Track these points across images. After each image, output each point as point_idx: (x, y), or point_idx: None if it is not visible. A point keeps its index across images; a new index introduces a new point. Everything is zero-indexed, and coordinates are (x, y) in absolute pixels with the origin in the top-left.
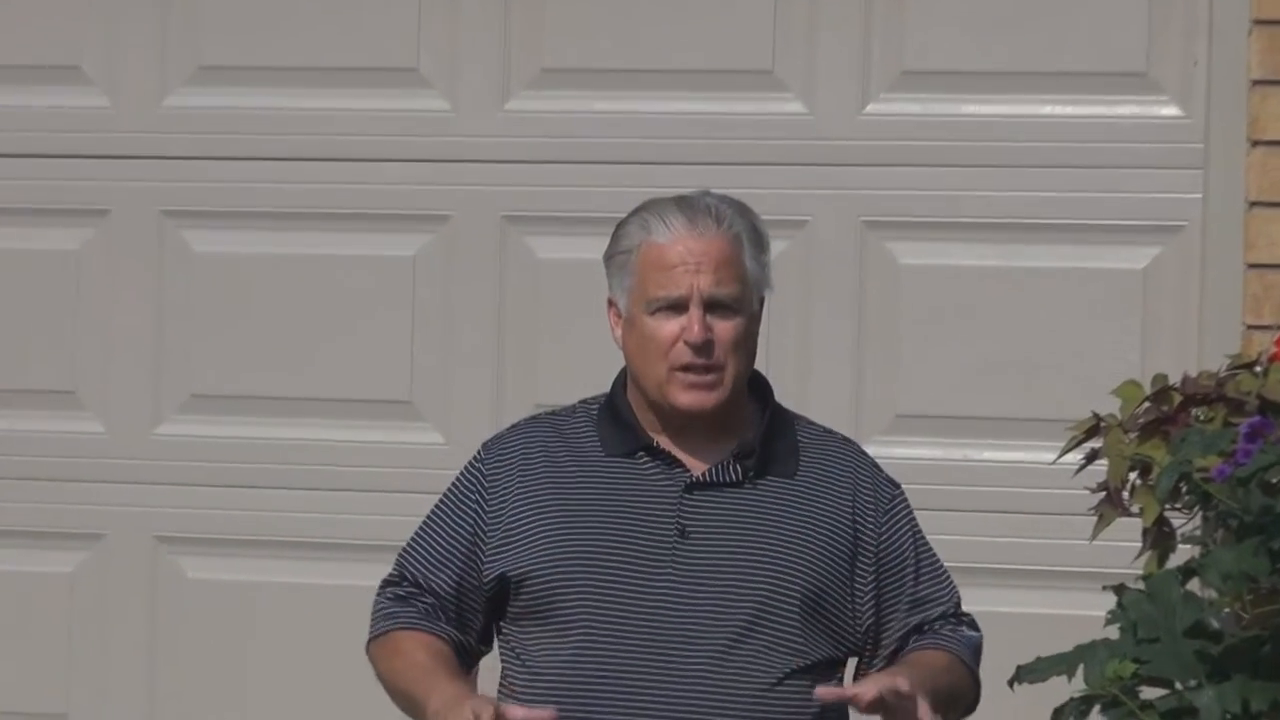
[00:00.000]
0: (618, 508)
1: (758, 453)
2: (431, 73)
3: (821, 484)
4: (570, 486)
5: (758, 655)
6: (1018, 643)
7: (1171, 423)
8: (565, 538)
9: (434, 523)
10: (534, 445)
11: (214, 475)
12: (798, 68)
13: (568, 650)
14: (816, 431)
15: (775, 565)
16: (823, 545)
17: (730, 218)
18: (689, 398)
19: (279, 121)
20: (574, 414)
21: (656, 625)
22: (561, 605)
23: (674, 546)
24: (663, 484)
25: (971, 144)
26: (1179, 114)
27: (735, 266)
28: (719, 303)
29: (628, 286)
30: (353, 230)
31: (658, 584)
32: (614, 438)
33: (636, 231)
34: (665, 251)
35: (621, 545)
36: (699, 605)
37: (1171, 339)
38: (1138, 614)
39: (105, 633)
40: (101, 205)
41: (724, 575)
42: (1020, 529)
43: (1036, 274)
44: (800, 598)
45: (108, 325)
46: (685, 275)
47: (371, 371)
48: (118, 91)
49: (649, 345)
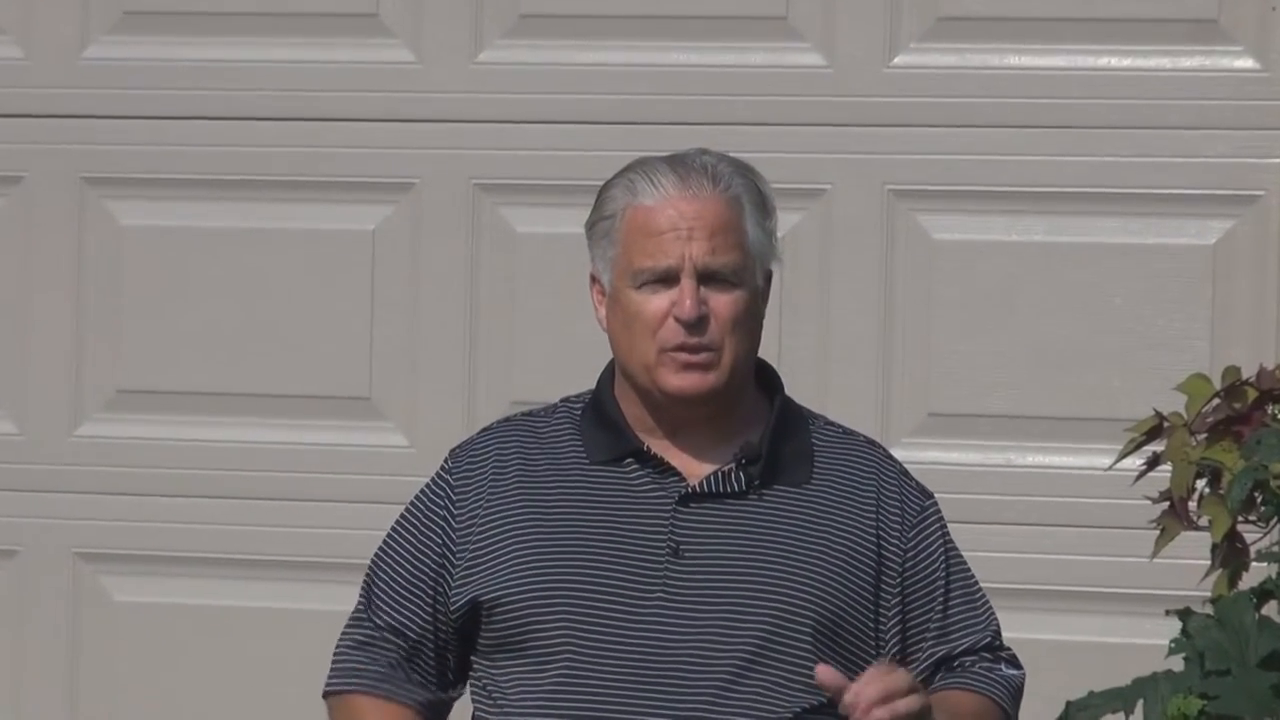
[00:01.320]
0: (602, 523)
1: (764, 457)
2: (393, 19)
3: (840, 493)
4: (548, 499)
5: (764, 692)
6: (1067, 676)
7: (1245, 422)
8: (542, 559)
9: (396, 546)
10: (508, 452)
11: (143, 483)
12: (815, 13)
13: (545, 687)
14: (835, 432)
15: (784, 588)
16: (840, 565)
17: (728, 177)
18: (680, 380)
19: (217, 75)
20: (554, 414)
21: (646, 658)
22: (538, 636)
23: (666, 567)
24: (654, 495)
25: (1015, 101)
26: (1255, 66)
27: (734, 232)
28: (715, 274)
29: (611, 258)
30: (303, 200)
31: (647, 611)
32: (599, 442)
33: (621, 194)
34: (653, 215)
35: (606, 567)
36: (695, 635)
37: (1245, 326)
38: (1205, 642)
39: (19, 662)
40: (14, 171)
41: (724, 600)
42: (1070, 545)
43: (1089, 251)
44: (813, 625)
45: (20, 310)
46: (676, 242)
47: (325, 364)
48: (32, 41)
49: (635, 324)
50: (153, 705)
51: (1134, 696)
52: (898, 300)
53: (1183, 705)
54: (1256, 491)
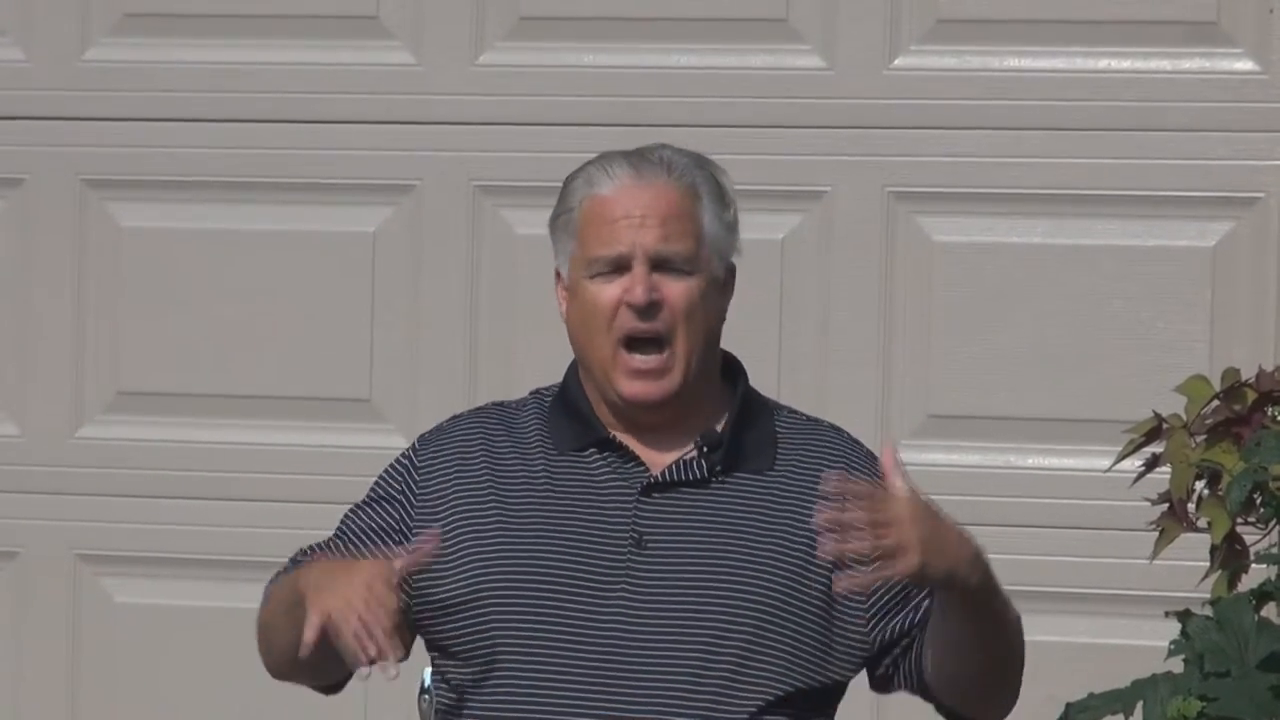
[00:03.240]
0: (566, 513)
1: (726, 444)
2: (394, 22)
3: (804, 479)
4: (511, 489)
5: (731, 684)
6: (1066, 677)
7: (1244, 424)
8: (506, 548)
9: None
10: (474, 440)
11: (144, 485)
12: (815, 15)
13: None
14: (799, 420)
15: (742, 576)
16: (803, 550)
17: (684, 168)
18: (634, 388)
19: (217, 77)
20: (524, 406)
21: (609, 650)
22: (498, 628)
23: (629, 558)
24: (617, 485)
25: (1015, 103)
26: (1254, 69)
27: (687, 221)
28: (667, 261)
29: (570, 251)
30: (304, 203)
31: (610, 602)
32: (565, 431)
33: (580, 187)
34: (608, 204)
35: (568, 557)
36: (659, 626)
37: (1245, 327)
38: (1205, 644)
39: (19, 664)
40: (15, 173)
41: (688, 590)
42: (1069, 546)
43: (1089, 253)
44: (776, 613)
45: (21, 312)
46: (628, 230)
47: (325, 366)
48: (32, 44)
49: (592, 318)
50: (153, 707)
51: (1133, 698)
52: (897, 302)
53: (1182, 707)
54: (1256, 493)
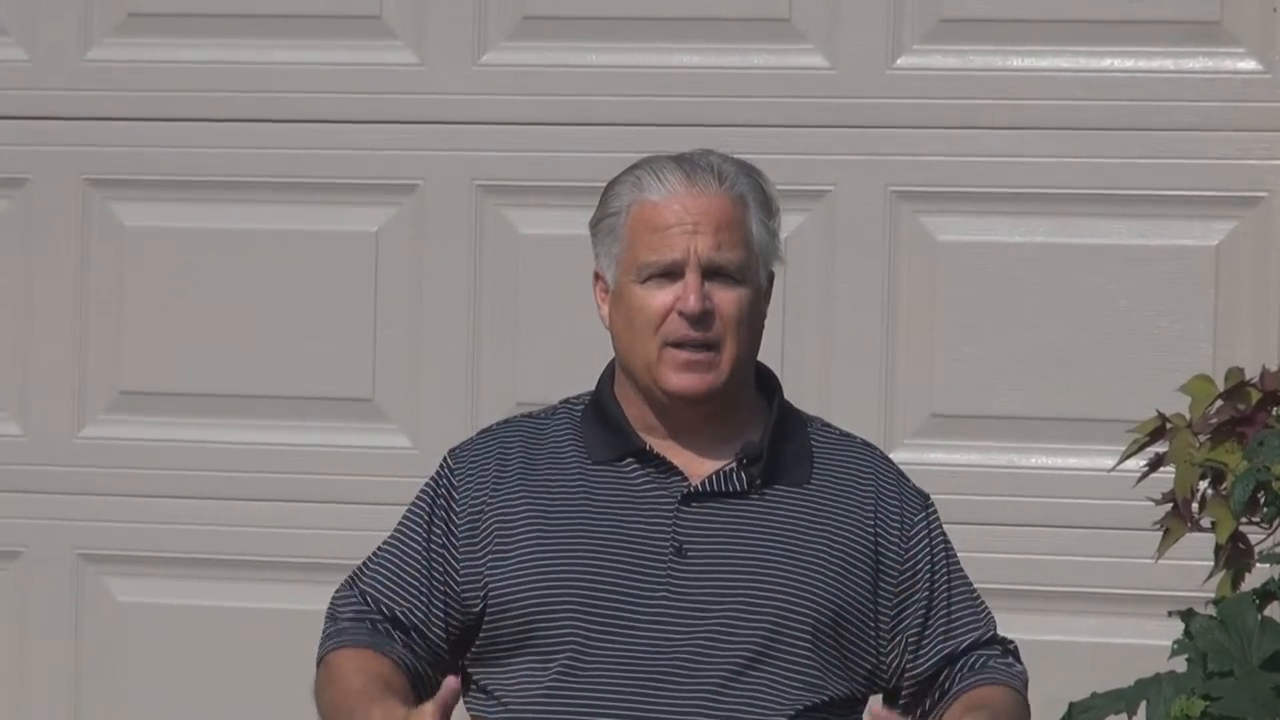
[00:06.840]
0: (604, 523)
1: (765, 457)
2: (397, 21)
3: (839, 494)
4: (551, 500)
5: (764, 690)
6: (1070, 677)
7: (1248, 424)
8: (547, 558)
9: (393, 547)
10: (510, 453)
11: (146, 484)
12: (818, 15)
13: (546, 685)
14: (833, 434)
15: (785, 587)
16: (840, 564)
17: (734, 176)
18: (681, 380)
19: (220, 77)
20: (554, 416)
21: (648, 656)
22: (540, 637)
23: (669, 566)
24: (656, 495)
25: (1018, 103)
26: (1257, 68)
27: (739, 230)
28: (720, 270)
29: (616, 254)
30: (307, 202)
31: (650, 609)
32: (601, 442)
33: (628, 191)
34: (659, 211)
35: (609, 566)
36: (697, 633)
37: (1249, 327)
38: (1208, 643)
39: (22, 663)
40: (17, 173)
41: (726, 599)
42: (1073, 546)
43: (1092, 252)
44: (813, 624)
45: (23, 311)
46: (681, 237)
47: (328, 365)
48: (35, 43)
49: (638, 319)
50: (156, 706)
51: (1137, 698)
52: (901, 301)
53: (1185, 706)
54: (1260, 493)
